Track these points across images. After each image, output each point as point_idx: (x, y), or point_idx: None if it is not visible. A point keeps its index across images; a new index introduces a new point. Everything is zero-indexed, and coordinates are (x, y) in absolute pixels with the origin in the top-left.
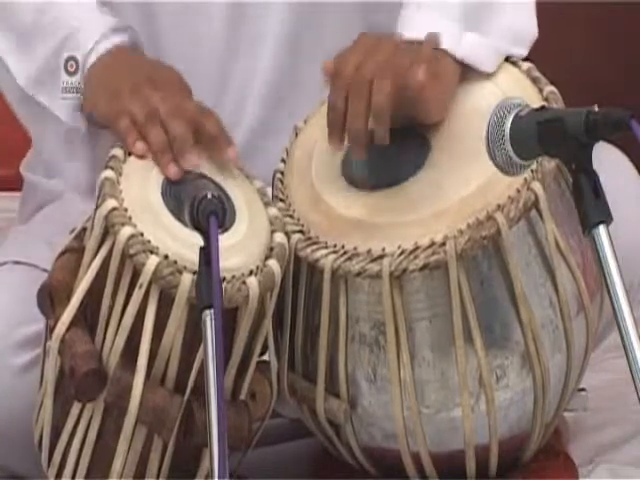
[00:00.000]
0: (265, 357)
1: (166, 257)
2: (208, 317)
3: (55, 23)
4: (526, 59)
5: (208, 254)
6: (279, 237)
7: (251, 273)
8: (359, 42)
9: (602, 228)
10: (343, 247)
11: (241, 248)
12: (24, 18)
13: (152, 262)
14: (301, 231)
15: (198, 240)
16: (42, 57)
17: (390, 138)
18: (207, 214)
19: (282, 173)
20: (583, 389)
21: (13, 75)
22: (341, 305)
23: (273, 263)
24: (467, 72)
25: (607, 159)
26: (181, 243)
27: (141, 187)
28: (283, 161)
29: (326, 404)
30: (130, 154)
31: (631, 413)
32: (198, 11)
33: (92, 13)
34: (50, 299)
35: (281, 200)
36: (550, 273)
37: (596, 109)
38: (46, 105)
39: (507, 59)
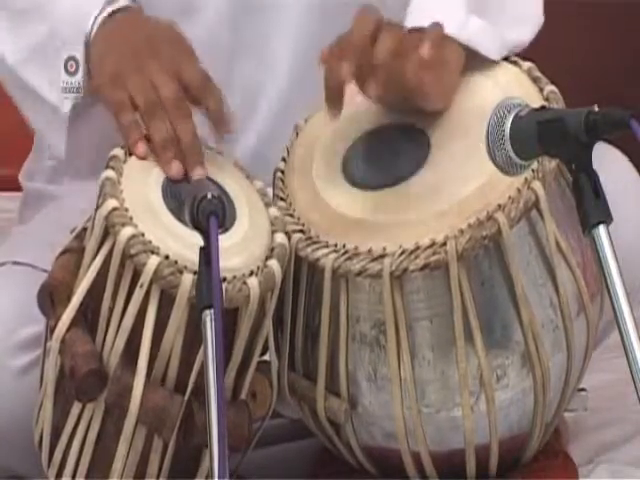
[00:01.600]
0: (265, 357)
1: (167, 257)
2: (208, 317)
3: (51, 2)
4: (526, 59)
5: (208, 254)
6: (280, 237)
7: (252, 273)
8: (361, 20)
9: (602, 228)
10: (344, 246)
11: (242, 248)
12: None
13: (153, 262)
14: (302, 230)
15: (199, 240)
16: (36, 37)
17: (390, 138)
18: (207, 214)
19: (283, 172)
20: (583, 389)
21: (4, 55)
22: (342, 304)
23: (274, 263)
24: (470, 63)
25: (607, 159)
26: (182, 243)
27: (142, 187)
28: (284, 160)
29: (326, 403)
30: (131, 154)
31: (631, 413)
32: (198, 9)
33: None
34: (50, 299)
35: (282, 199)
36: (551, 273)
37: (596, 109)
38: (35, 87)
39: (507, 59)
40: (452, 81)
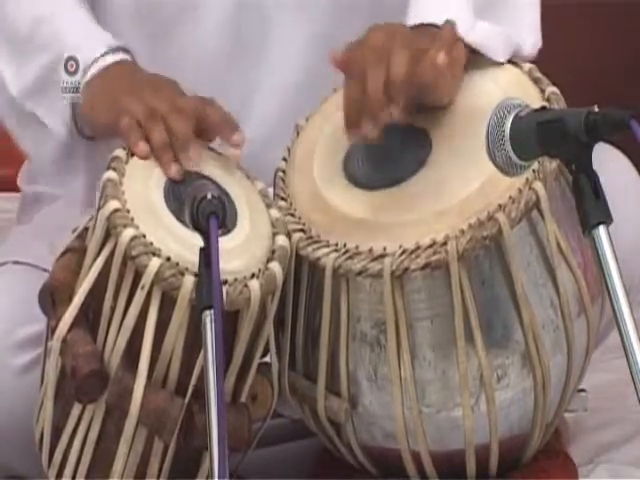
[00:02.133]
0: (266, 358)
1: (168, 259)
2: (208, 318)
3: (54, 36)
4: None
5: (208, 255)
6: (281, 240)
7: (253, 276)
8: (374, 30)
9: (602, 229)
10: (344, 246)
11: (243, 251)
12: (21, 28)
13: (154, 264)
14: (302, 230)
15: (199, 241)
16: (39, 69)
17: (392, 137)
18: (207, 214)
19: (284, 172)
20: (583, 390)
21: (7, 86)
22: (342, 304)
23: (275, 266)
24: (472, 64)
25: (607, 159)
26: (183, 245)
27: (143, 188)
28: (285, 160)
29: (327, 403)
30: (133, 155)
31: (631, 413)
32: (198, 12)
33: (92, 30)
34: (52, 299)
35: (282, 199)
36: (551, 273)
37: (596, 109)
38: (39, 117)
39: (508, 60)
40: (459, 78)
